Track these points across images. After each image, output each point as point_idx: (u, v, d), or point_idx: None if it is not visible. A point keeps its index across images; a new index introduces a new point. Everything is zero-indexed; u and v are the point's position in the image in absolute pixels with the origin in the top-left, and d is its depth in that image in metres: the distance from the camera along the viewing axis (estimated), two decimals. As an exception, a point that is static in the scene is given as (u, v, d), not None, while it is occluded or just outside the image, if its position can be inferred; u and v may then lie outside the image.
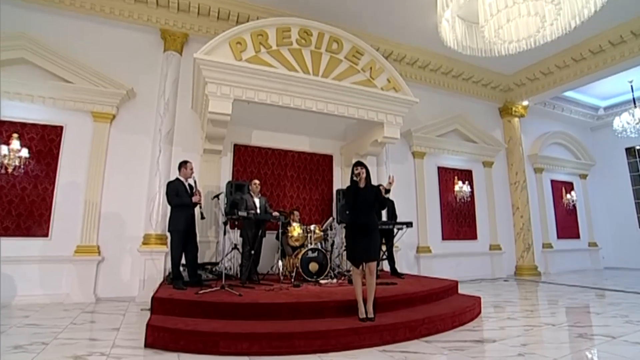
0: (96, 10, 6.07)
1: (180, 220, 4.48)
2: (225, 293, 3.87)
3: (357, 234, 3.50)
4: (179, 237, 4.47)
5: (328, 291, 4.21)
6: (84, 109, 5.79)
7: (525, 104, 9.52)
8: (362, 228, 3.50)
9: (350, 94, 5.60)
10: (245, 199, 5.15)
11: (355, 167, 3.62)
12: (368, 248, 3.46)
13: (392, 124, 5.98)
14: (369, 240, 3.48)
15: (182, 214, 4.50)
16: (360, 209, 3.53)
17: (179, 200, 4.52)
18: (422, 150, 8.19)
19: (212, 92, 4.88)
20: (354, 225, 3.54)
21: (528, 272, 8.63)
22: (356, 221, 3.53)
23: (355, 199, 3.53)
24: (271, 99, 5.18)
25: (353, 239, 3.53)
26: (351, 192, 3.58)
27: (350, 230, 3.58)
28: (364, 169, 3.62)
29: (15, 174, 5.26)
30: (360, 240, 3.48)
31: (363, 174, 3.58)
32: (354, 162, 3.68)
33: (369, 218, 3.54)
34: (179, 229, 4.47)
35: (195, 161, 6.35)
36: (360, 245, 3.46)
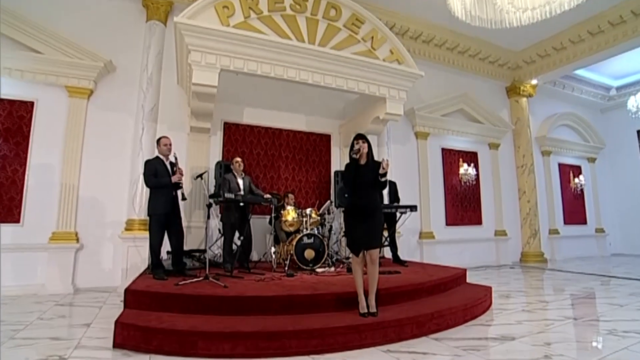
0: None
1: (159, 203, 4.03)
2: (209, 284, 3.45)
3: (357, 218, 3.07)
4: (159, 221, 4.02)
5: (325, 281, 3.80)
6: (57, 83, 5.26)
7: (534, 83, 8.99)
8: (363, 211, 3.06)
9: (349, 65, 5.08)
10: (228, 179, 4.70)
11: (356, 141, 3.15)
12: (369, 233, 3.03)
13: (394, 99, 5.48)
14: (370, 224, 3.05)
15: (161, 196, 4.04)
16: (360, 189, 3.08)
17: (157, 181, 4.06)
18: (426, 131, 7.71)
19: (195, 61, 4.36)
20: (354, 208, 3.10)
21: (534, 259, 8.29)
22: (356, 203, 3.09)
23: (355, 178, 3.08)
24: (262, 70, 4.67)
25: (352, 223, 3.10)
26: (350, 170, 3.12)
27: (349, 213, 3.15)
28: (366, 142, 3.14)
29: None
30: (360, 225, 3.04)
31: (364, 149, 3.11)
32: (354, 136, 3.21)
33: (370, 199, 3.10)
34: (158, 213, 4.02)
35: (182, 140, 5.93)
36: (361, 230, 3.03)
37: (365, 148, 3.12)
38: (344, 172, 3.24)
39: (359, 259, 3.06)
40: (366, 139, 3.16)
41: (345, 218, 3.19)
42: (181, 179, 4.07)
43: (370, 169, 3.11)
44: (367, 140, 3.16)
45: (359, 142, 3.13)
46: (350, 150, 3.16)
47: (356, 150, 3.08)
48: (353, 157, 3.09)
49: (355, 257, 3.07)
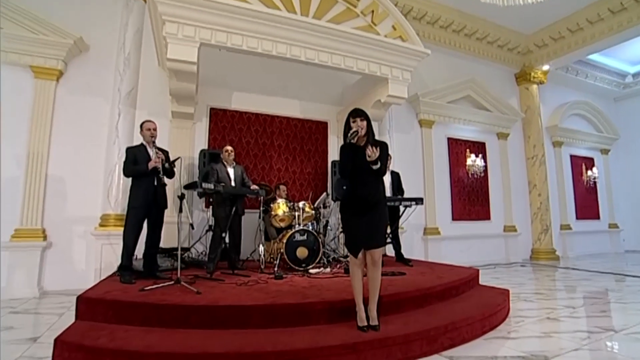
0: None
1: (137, 194, 3.50)
2: (181, 289, 2.93)
3: (356, 211, 2.53)
4: (135, 215, 3.49)
5: (318, 285, 3.27)
6: (21, 62, 4.70)
7: (546, 69, 8.41)
8: (364, 203, 2.53)
9: (346, 41, 4.52)
10: (217, 169, 4.16)
11: (352, 119, 2.60)
12: (371, 230, 2.50)
13: (397, 80, 4.93)
14: (372, 219, 2.51)
15: (140, 186, 3.52)
16: (360, 177, 2.55)
17: (133, 169, 3.54)
18: (430, 119, 7.15)
19: (171, 34, 3.81)
20: (353, 199, 2.57)
21: (545, 256, 7.76)
22: (355, 194, 2.55)
23: (353, 163, 2.54)
24: (248, 45, 4.11)
25: (351, 217, 2.56)
26: (347, 154, 2.58)
27: (346, 206, 2.61)
28: (365, 120, 2.60)
29: None
30: (360, 220, 2.51)
31: (363, 129, 2.57)
32: (349, 112, 2.66)
33: (372, 189, 2.56)
34: (135, 205, 3.49)
35: (163, 128, 5.33)
36: (361, 226, 2.50)
37: (364, 128, 2.58)
38: (340, 156, 2.69)
39: (358, 260, 2.53)
40: (365, 116, 2.61)
41: (342, 212, 2.66)
42: (158, 164, 3.50)
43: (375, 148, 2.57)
44: (366, 116, 2.61)
45: (356, 120, 2.58)
46: (344, 130, 2.62)
47: (354, 133, 2.53)
48: (350, 140, 2.55)
49: (353, 258, 2.54)
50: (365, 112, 2.63)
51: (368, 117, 2.62)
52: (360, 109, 2.64)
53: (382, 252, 2.57)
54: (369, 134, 2.61)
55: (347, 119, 2.63)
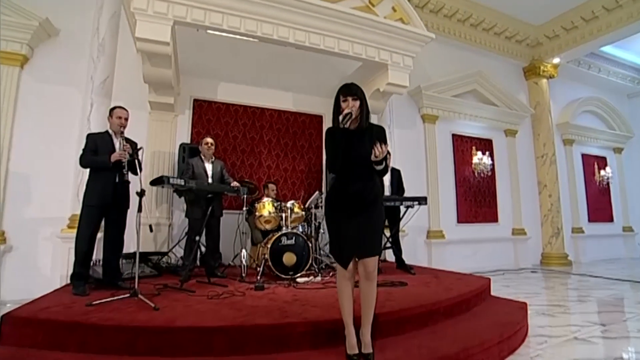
0: None
1: (94, 191, 3.02)
2: (137, 304, 2.45)
3: (346, 212, 2.04)
4: (90, 215, 3.01)
5: (303, 298, 2.78)
6: (-21, 44, 4.24)
7: (556, 62, 7.92)
8: (356, 201, 2.04)
9: (341, 22, 4.05)
10: (193, 164, 3.69)
11: (343, 98, 2.11)
12: (365, 234, 2.01)
13: (398, 67, 4.45)
14: (366, 220, 2.03)
15: (98, 181, 3.03)
16: (352, 168, 2.06)
17: (91, 159, 3.06)
18: (434, 113, 6.66)
19: (140, 10, 3.35)
20: (342, 197, 2.07)
21: (557, 262, 7.24)
22: (345, 189, 2.07)
23: (344, 151, 2.05)
24: (229, 24, 3.65)
25: (339, 218, 2.07)
26: (336, 140, 2.08)
27: (335, 205, 2.11)
28: (358, 99, 2.10)
29: None
30: (350, 221, 2.02)
31: (354, 110, 2.07)
32: (339, 88, 2.16)
33: (367, 185, 2.07)
34: (91, 203, 3.01)
35: (142, 120, 4.93)
36: (352, 228, 2.01)
37: (356, 109, 2.08)
38: (326, 144, 2.20)
39: (348, 272, 2.03)
40: (358, 94, 2.11)
41: (327, 212, 2.15)
42: (123, 157, 3.00)
43: (367, 137, 2.08)
44: (360, 94, 2.11)
45: (348, 99, 2.09)
46: (334, 111, 2.14)
47: (347, 117, 2.03)
48: (341, 124, 2.05)
49: (341, 270, 2.04)
50: (359, 88, 2.13)
51: (362, 95, 2.13)
52: (353, 84, 2.13)
53: (377, 262, 2.07)
54: (362, 115, 2.12)
55: (336, 98, 2.14)
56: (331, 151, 2.10)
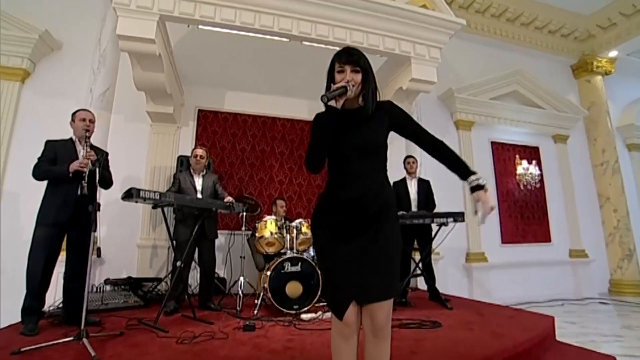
0: None
1: (50, 207, 2.55)
2: (78, 351, 1.89)
3: (339, 229, 1.39)
4: (45, 236, 2.52)
5: (299, 346, 2.11)
6: (-18, 62, 4.12)
7: (613, 56, 6.90)
8: (352, 212, 1.38)
9: (354, 10, 3.50)
10: (179, 178, 3.21)
11: (339, 66, 1.42)
12: (370, 265, 1.33)
13: (423, 59, 3.79)
14: (370, 243, 1.36)
15: (56, 196, 2.57)
16: (348, 165, 1.42)
17: (45, 170, 2.60)
18: (469, 119, 5.88)
19: (121, 5, 2.99)
20: (332, 207, 1.43)
21: (631, 290, 5.99)
22: (337, 196, 1.42)
23: (337, 144, 1.41)
24: (222, 17, 3.20)
25: (332, 243, 1.41)
26: (324, 125, 1.42)
27: (322, 220, 1.46)
28: (360, 71, 1.41)
29: None
30: (347, 246, 1.37)
31: (353, 86, 1.39)
32: (335, 54, 1.46)
33: (368, 186, 1.40)
34: (46, 222, 2.54)
35: (143, 134, 4.60)
36: (349, 257, 1.35)
37: (359, 82, 1.42)
38: (311, 134, 1.51)
39: (346, 325, 1.32)
40: (361, 62, 1.41)
41: (314, 232, 1.49)
42: (84, 167, 2.49)
43: (374, 121, 1.45)
44: (363, 64, 1.42)
45: (345, 69, 1.40)
46: (327, 84, 1.46)
47: (336, 91, 1.34)
48: (327, 100, 1.36)
49: (336, 322, 1.35)
50: (363, 55, 1.44)
51: (368, 65, 1.44)
52: (353, 48, 1.47)
53: (390, 310, 1.38)
54: (367, 94, 1.44)
55: (330, 67, 1.47)
56: (315, 140, 1.44)
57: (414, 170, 3.94)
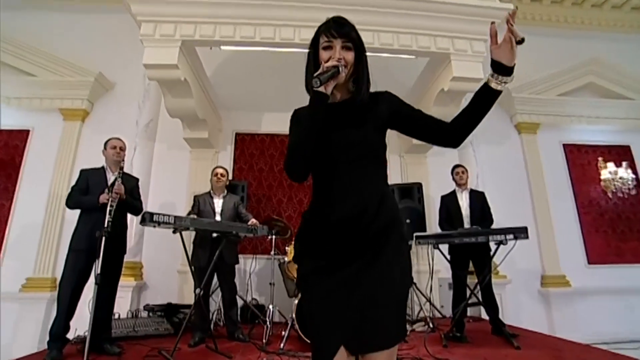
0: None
1: (82, 233, 2.62)
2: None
3: (328, 257, 1.07)
4: (76, 261, 2.58)
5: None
6: (52, 106, 4.64)
7: None
8: (346, 234, 1.06)
9: (378, 9, 3.23)
10: (199, 200, 3.13)
11: (326, 39, 1.12)
12: (368, 301, 1.01)
13: (465, 55, 3.34)
14: (367, 272, 1.03)
15: (88, 223, 2.63)
16: (338, 172, 1.10)
17: (77, 200, 2.69)
18: (533, 120, 5.12)
19: (147, 36, 3.10)
20: (322, 229, 1.10)
21: None
22: (326, 213, 1.09)
23: (321, 138, 1.09)
24: (242, 34, 3.16)
25: (316, 272, 1.08)
26: (310, 120, 1.09)
27: (307, 245, 1.13)
28: (352, 47, 1.12)
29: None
30: (338, 276, 1.04)
31: (345, 65, 1.09)
32: (320, 25, 1.16)
33: (368, 198, 1.08)
34: (78, 247, 2.60)
35: (184, 161, 4.72)
36: (338, 291, 1.03)
37: (350, 61, 1.12)
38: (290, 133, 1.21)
39: None
40: (352, 36, 1.12)
41: (297, 260, 1.17)
42: (112, 199, 2.54)
43: (369, 114, 1.16)
44: (355, 38, 1.13)
45: (334, 44, 1.11)
46: (307, 70, 1.18)
47: (325, 73, 1.04)
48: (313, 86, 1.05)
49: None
50: (354, 28, 1.15)
51: (361, 42, 1.15)
52: (343, 17, 1.16)
53: (394, 357, 1.02)
54: (362, 76, 1.15)
55: (313, 40, 1.17)
56: (292, 138, 1.15)
57: (465, 181, 3.43)
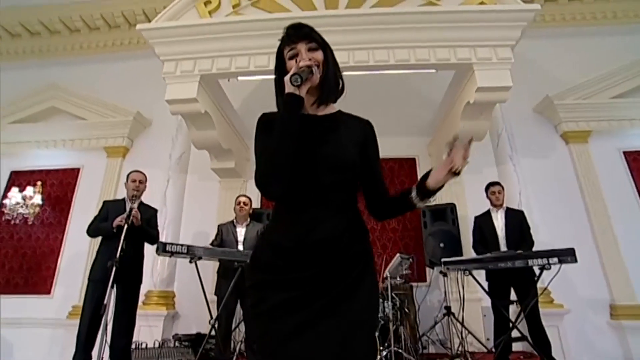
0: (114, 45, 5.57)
1: (100, 263, 2.71)
2: None
3: (290, 289, 0.94)
4: (93, 291, 2.66)
5: None
6: (98, 145, 5.07)
7: None
8: (316, 264, 0.94)
9: (393, 26, 3.14)
10: (222, 229, 3.12)
11: (289, 46, 1.06)
12: (337, 344, 0.87)
13: (489, 63, 3.10)
14: (338, 311, 0.91)
15: (102, 254, 2.73)
16: (306, 190, 1.00)
17: (95, 227, 2.85)
18: (582, 128, 4.60)
19: (169, 73, 3.29)
20: (282, 256, 0.97)
21: None
22: (288, 242, 0.97)
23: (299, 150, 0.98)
24: (256, 64, 3.22)
25: (273, 307, 0.93)
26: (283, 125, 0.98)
27: (263, 275, 0.98)
28: (319, 48, 1.06)
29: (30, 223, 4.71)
30: (298, 316, 0.91)
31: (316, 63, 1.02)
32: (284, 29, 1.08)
33: (337, 221, 0.99)
34: (95, 277, 2.69)
35: (213, 192, 4.83)
36: (297, 332, 0.89)
37: (320, 61, 1.04)
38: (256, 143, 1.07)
39: None
40: (316, 38, 1.06)
41: (250, 292, 1.00)
42: (122, 223, 2.58)
43: (344, 128, 1.09)
44: (319, 40, 1.07)
45: (298, 48, 1.05)
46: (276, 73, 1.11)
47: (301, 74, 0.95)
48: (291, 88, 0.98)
49: None
50: (310, 27, 1.07)
51: (320, 38, 1.07)
52: (296, 22, 1.09)
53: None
54: (326, 81, 1.06)
55: (278, 54, 1.11)
56: (262, 149, 1.03)
57: (501, 202, 3.10)
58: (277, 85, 1.12)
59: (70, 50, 5.62)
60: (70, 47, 5.62)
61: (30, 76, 5.50)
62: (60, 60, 5.62)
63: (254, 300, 0.96)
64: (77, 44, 5.61)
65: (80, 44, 5.60)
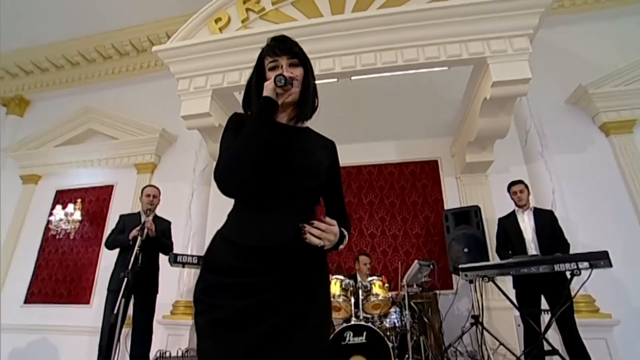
0: (142, 67, 5.92)
1: (117, 273, 2.82)
2: None
3: (244, 296, 0.90)
4: (111, 301, 2.78)
5: None
6: (129, 163, 5.36)
7: None
8: (274, 268, 0.92)
9: (400, 25, 3.06)
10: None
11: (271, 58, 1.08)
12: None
13: (505, 55, 2.91)
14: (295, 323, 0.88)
15: (119, 266, 2.89)
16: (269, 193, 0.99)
17: (112, 240, 3.02)
18: (625, 118, 4.19)
19: (183, 91, 3.41)
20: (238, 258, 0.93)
21: None
22: (245, 241, 0.94)
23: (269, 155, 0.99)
24: (264, 75, 3.26)
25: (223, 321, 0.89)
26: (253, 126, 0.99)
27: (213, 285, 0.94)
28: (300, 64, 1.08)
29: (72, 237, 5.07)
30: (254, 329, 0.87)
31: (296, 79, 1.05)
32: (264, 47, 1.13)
33: (296, 229, 0.94)
34: (113, 288, 2.83)
35: (233, 203, 4.91)
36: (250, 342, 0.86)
37: (299, 77, 1.06)
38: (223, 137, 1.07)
39: None
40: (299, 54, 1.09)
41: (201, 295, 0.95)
42: (136, 234, 2.68)
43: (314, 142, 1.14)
44: (302, 56, 1.09)
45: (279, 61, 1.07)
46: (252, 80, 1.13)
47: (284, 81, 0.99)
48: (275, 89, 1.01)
49: None
50: (294, 42, 1.10)
51: (307, 60, 1.11)
52: (282, 35, 1.12)
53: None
54: (306, 98, 1.08)
55: (258, 63, 1.13)
56: (227, 145, 1.03)
57: (525, 201, 2.88)
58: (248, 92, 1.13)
59: (104, 75, 6.04)
60: (104, 73, 6.04)
61: (69, 102, 5.97)
62: (94, 85, 6.06)
63: (204, 306, 0.93)
64: (109, 70, 6.02)
65: (112, 69, 6.00)
